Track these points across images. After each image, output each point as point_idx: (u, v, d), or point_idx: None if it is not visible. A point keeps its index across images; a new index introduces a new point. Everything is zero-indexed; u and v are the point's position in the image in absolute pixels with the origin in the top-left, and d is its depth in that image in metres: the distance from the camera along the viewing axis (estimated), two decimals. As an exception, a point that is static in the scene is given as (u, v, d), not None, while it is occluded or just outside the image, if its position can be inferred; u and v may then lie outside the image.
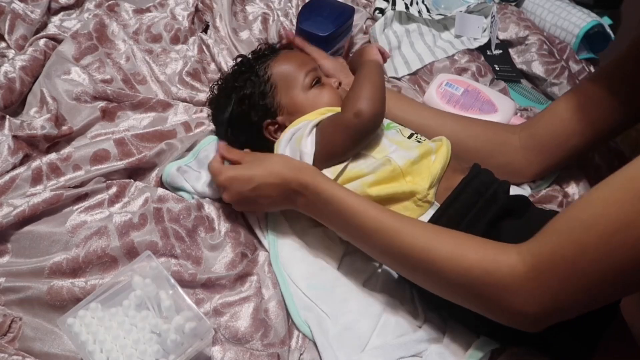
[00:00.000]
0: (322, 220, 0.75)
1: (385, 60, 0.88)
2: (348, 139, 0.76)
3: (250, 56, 0.89)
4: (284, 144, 0.81)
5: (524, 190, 0.91)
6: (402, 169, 0.75)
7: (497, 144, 0.88)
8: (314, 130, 0.79)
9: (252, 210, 0.82)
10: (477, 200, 0.73)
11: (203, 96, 1.00)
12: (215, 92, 0.89)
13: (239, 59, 0.90)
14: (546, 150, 0.87)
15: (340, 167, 0.77)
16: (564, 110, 0.85)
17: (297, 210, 0.77)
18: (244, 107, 0.84)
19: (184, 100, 0.98)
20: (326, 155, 0.78)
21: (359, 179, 0.76)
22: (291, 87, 0.83)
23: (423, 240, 0.65)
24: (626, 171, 0.52)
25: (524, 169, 0.89)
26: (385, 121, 0.84)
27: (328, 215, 0.73)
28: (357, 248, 0.82)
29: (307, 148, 0.77)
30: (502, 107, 1.04)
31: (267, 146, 0.84)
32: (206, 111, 0.97)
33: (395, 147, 0.79)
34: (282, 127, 0.84)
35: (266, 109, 0.84)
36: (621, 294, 0.57)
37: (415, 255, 0.65)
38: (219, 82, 0.89)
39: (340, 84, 0.86)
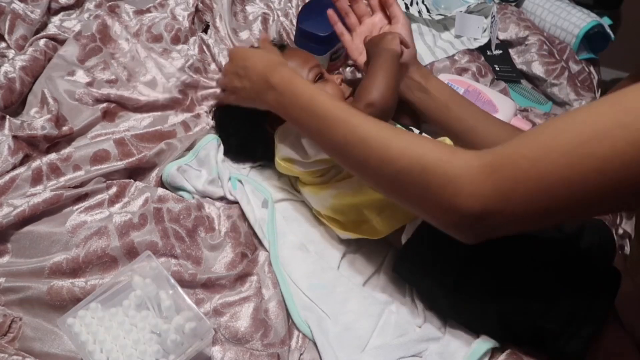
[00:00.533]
0: (290, 115, 0.73)
1: (403, 51, 0.84)
2: None
3: None
4: (285, 134, 0.81)
5: None
6: None
7: None
8: None
9: (233, 98, 0.81)
10: None
11: (204, 95, 1.00)
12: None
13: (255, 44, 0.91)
14: None
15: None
16: None
17: (267, 108, 0.76)
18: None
19: (184, 100, 0.98)
20: None
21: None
22: None
23: (381, 131, 0.62)
24: (618, 93, 0.49)
25: None
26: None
27: (295, 110, 0.71)
28: (357, 248, 0.83)
29: None
30: (502, 108, 1.04)
31: (263, 137, 0.85)
32: (206, 108, 0.97)
33: None
34: (278, 118, 0.84)
35: None
36: (574, 213, 0.51)
37: (370, 143, 0.62)
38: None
39: (342, 80, 0.87)
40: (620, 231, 1.13)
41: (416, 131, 0.84)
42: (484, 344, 0.71)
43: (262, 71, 0.75)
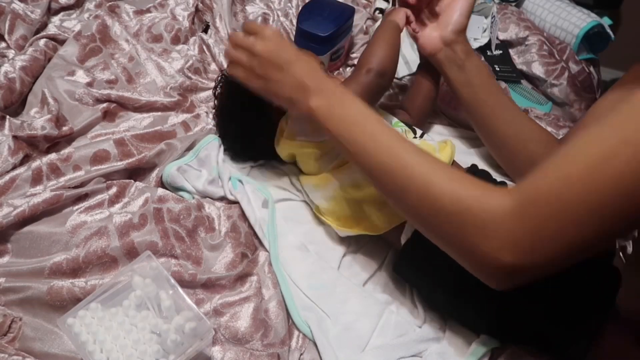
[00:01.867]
0: (331, 126, 0.67)
1: (405, 27, 0.87)
2: (361, 94, 0.74)
3: None
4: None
5: None
6: None
7: None
8: None
9: (256, 83, 0.73)
10: None
11: (204, 95, 1.00)
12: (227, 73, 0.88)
13: None
14: None
15: None
16: None
17: (299, 110, 0.70)
18: None
19: (184, 101, 0.98)
20: None
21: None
22: None
23: (426, 164, 0.61)
24: (613, 114, 0.51)
25: None
26: (392, 119, 0.85)
27: (342, 123, 0.67)
28: (358, 248, 0.83)
29: None
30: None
31: (267, 127, 0.86)
32: (205, 109, 0.97)
33: None
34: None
35: None
36: (601, 237, 0.52)
37: (414, 175, 0.61)
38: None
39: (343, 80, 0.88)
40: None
41: (419, 132, 0.84)
42: (484, 344, 0.71)
43: (311, 73, 0.69)
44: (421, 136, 0.83)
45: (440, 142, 0.82)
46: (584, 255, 0.53)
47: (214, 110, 0.94)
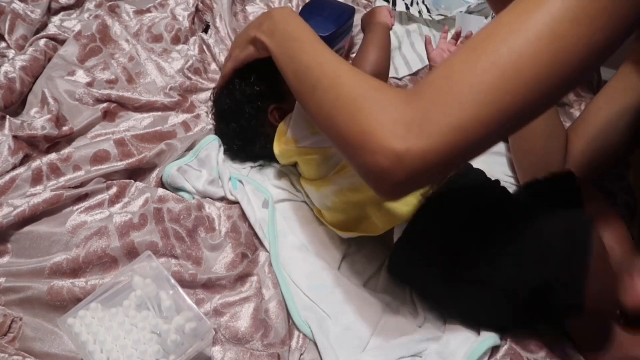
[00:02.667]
0: (275, 44, 0.74)
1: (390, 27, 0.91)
2: None
3: None
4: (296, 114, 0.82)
5: None
6: None
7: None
8: None
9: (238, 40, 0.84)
10: (463, 196, 0.74)
11: (204, 96, 1.00)
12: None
13: None
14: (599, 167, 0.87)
15: None
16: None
17: (259, 36, 0.77)
18: (255, 89, 0.86)
19: (184, 101, 0.98)
20: None
21: None
22: None
23: (343, 64, 0.63)
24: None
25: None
26: None
27: (283, 39, 0.73)
28: (358, 249, 0.83)
29: None
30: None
31: (263, 130, 0.87)
32: (205, 109, 0.97)
33: None
34: (286, 113, 0.85)
35: (274, 93, 0.86)
36: (490, 121, 0.51)
37: (326, 67, 0.63)
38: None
39: None
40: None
41: None
42: (484, 342, 0.71)
43: (265, 16, 0.77)
44: None
45: None
46: (481, 146, 0.52)
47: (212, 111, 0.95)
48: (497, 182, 0.81)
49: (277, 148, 0.84)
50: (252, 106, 0.86)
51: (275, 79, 0.83)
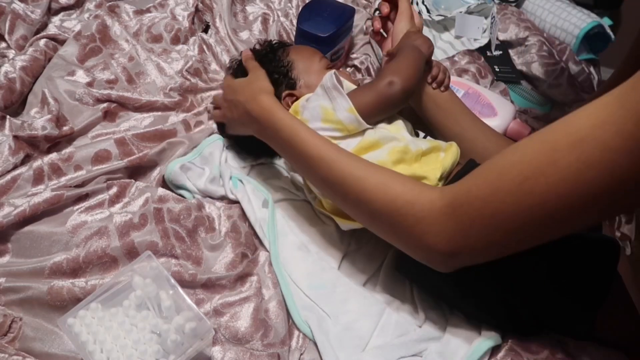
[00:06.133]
0: (274, 146, 0.78)
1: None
2: (377, 104, 0.78)
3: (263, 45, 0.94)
4: (302, 105, 0.82)
5: None
6: (414, 153, 0.76)
7: None
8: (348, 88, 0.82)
9: (230, 125, 0.87)
10: None
11: (204, 96, 1.00)
12: (236, 65, 0.92)
13: (257, 45, 0.94)
14: None
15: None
16: None
17: (254, 134, 0.81)
18: (274, 76, 0.86)
19: (184, 101, 0.98)
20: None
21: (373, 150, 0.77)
22: (308, 67, 0.89)
23: (357, 170, 0.67)
24: (547, 128, 0.53)
25: None
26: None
27: (278, 143, 0.77)
28: (358, 248, 0.83)
29: (343, 104, 0.78)
30: (501, 111, 1.04)
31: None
32: (205, 107, 0.98)
33: (409, 137, 0.80)
34: (297, 99, 0.86)
35: (287, 81, 0.87)
36: (526, 244, 0.56)
37: (348, 183, 0.67)
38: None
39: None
40: (618, 234, 1.13)
41: (421, 134, 0.85)
42: (485, 342, 0.71)
43: (244, 104, 0.80)
44: (425, 136, 0.84)
45: (446, 143, 0.82)
46: (515, 251, 0.57)
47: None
48: None
49: None
50: None
51: (287, 72, 0.87)
